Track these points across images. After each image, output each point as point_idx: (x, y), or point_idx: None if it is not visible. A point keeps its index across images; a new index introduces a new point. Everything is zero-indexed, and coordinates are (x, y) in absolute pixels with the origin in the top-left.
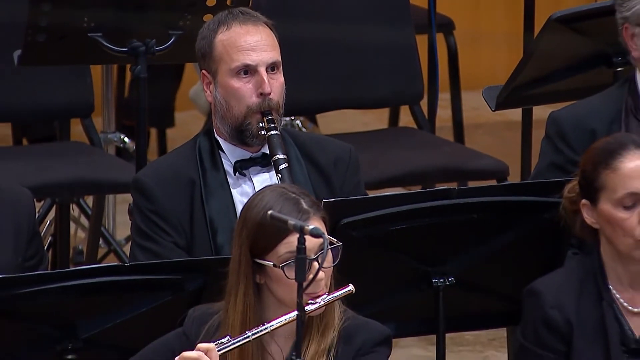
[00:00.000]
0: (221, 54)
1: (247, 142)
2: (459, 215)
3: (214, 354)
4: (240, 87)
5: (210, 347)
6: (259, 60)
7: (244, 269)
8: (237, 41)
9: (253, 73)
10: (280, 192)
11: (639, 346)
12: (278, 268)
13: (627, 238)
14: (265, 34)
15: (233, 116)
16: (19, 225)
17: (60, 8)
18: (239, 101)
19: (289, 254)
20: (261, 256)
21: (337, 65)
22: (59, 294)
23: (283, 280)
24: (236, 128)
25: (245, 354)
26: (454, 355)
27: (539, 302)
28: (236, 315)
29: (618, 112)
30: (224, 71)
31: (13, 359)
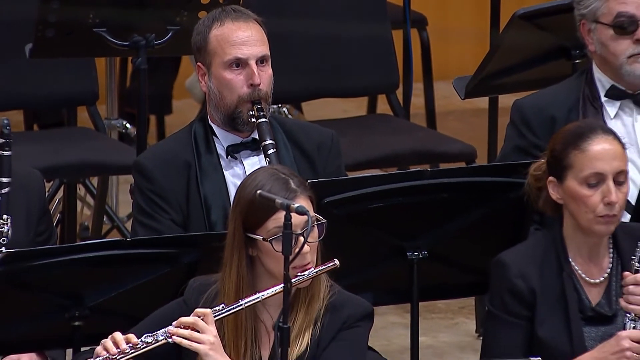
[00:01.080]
0: (215, 48)
1: (239, 129)
2: (431, 195)
3: (210, 319)
4: (232, 79)
5: (206, 312)
6: (250, 54)
7: (237, 243)
8: (229, 36)
9: (244, 66)
10: (272, 172)
11: (594, 313)
12: (267, 242)
13: (589, 213)
14: (255, 29)
15: (225, 105)
16: (31, 203)
17: (68, 5)
18: (231, 91)
19: (277, 228)
20: (253, 231)
21: (320, 58)
22: (67, 266)
23: (272, 253)
24: (228, 115)
25: (239, 320)
26: (427, 322)
27: (505, 272)
28: (231, 285)
29: (576, 100)
30: (217, 64)
31: (26, 325)
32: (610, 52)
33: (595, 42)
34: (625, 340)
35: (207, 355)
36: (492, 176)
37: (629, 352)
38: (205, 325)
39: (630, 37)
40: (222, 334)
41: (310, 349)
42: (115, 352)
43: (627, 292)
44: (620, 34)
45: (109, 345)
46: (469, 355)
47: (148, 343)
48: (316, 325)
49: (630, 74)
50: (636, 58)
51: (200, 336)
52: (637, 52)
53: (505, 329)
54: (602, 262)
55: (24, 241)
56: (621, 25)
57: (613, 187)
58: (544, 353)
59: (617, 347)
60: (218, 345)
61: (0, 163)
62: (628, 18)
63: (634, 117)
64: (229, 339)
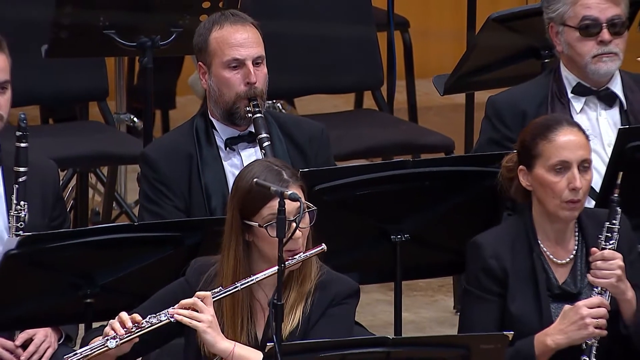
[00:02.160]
0: (215, 49)
1: (236, 123)
2: (413, 183)
3: (209, 301)
4: (231, 77)
5: (206, 294)
6: (247, 54)
7: (235, 229)
8: (228, 39)
9: (241, 66)
10: (266, 165)
11: (561, 291)
12: (262, 228)
13: (556, 199)
14: (252, 32)
15: (224, 101)
16: (46, 191)
17: (80, 9)
18: (230, 89)
19: (271, 216)
20: (249, 218)
21: (311, 57)
22: (79, 248)
23: (267, 238)
24: (227, 111)
25: (236, 300)
26: (409, 299)
27: (480, 253)
28: (229, 267)
29: (545, 96)
30: (217, 63)
31: (43, 302)
32: (577, 53)
33: (562, 43)
34: (582, 309)
35: (205, 332)
36: (468, 166)
37: (588, 319)
38: (203, 306)
39: (595, 38)
40: (221, 314)
41: (301, 324)
42: (122, 332)
43: (595, 267)
44: (585, 35)
45: (116, 325)
46: (447, 329)
47: (152, 323)
48: (307, 302)
49: (594, 72)
50: (600, 58)
51: (199, 315)
52: (601, 52)
53: (480, 305)
54: (568, 245)
55: (40, 225)
56: (586, 27)
57: (577, 174)
58: (515, 327)
59: (576, 316)
60: (215, 324)
61: (18, 154)
62: (592, 21)
63: (598, 112)
64: (227, 317)
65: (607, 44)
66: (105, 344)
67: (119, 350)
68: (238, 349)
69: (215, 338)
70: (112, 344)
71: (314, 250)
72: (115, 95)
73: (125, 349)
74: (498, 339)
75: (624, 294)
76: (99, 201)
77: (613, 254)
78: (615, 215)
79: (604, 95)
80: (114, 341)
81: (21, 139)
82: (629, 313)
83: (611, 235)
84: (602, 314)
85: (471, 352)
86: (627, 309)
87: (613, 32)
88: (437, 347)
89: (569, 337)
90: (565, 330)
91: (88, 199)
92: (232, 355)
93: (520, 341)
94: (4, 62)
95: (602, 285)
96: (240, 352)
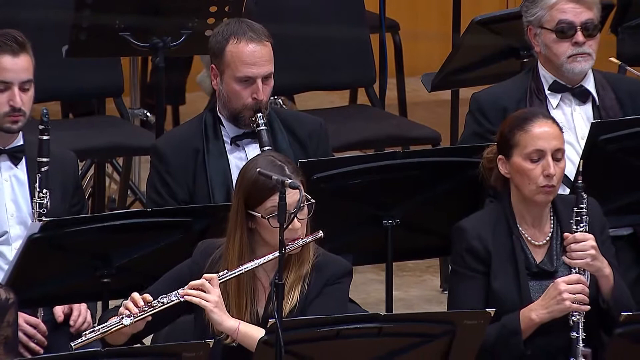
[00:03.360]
0: (229, 61)
1: (240, 126)
2: (403, 172)
3: (215, 282)
4: (240, 91)
5: (213, 276)
6: (258, 73)
7: (240, 218)
8: (242, 56)
9: (251, 82)
10: (270, 159)
11: (538, 270)
12: (264, 219)
13: (532, 185)
14: (265, 50)
15: (232, 107)
16: (66, 180)
17: (98, 13)
18: (237, 99)
19: (273, 208)
20: (253, 208)
21: (310, 57)
22: (97, 232)
23: (269, 227)
24: (233, 115)
25: (241, 282)
26: (399, 279)
27: (464, 235)
28: (234, 252)
29: (524, 93)
30: (229, 75)
31: (63, 282)
32: (553, 53)
33: (540, 45)
34: (561, 285)
35: (212, 311)
36: (453, 157)
37: (565, 294)
38: (210, 287)
39: (570, 40)
40: (227, 295)
41: (299, 302)
42: (136, 310)
43: (570, 249)
44: (561, 37)
45: (130, 305)
46: (434, 306)
47: (164, 302)
48: (304, 283)
49: (569, 71)
50: (575, 58)
51: (207, 296)
52: (575, 52)
53: (466, 282)
54: (545, 227)
55: (61, 211)
56: (562, 30)
57: (552, 162)
58: (497, 303)
59: (555, 292)
60: (221, 304)
61: (41, 146)
62: (567, 24)
63: (572, 107)
64: (232, 298)
65: (581, 45)
66: (120, 322)
67: (134, 327)
68: (243, 327)
69: (222, 317)
70: (127, 322)
71: (312, 236)
72: (129, 92)
73: (139, 326)
74: (481, 315)
75: (601, 271)
76: (114, 189)
77: (584, 236)
78: (582, 200)
79: (578, 92)
80: (129, 319)
81: (44, 132)
82: (607, 288)
83: (581, 219)
84: (579, 290)
85: (456, 327)
86: (605, 284)
87: (586, 35)
88: (425, 323)
89: (549, 311)
90: (546, 305)
91: (105, 187)
92: (237, 333)
93: (506, 316)
94: (28, 63)
95: (578, 265)
96: (245, 329)
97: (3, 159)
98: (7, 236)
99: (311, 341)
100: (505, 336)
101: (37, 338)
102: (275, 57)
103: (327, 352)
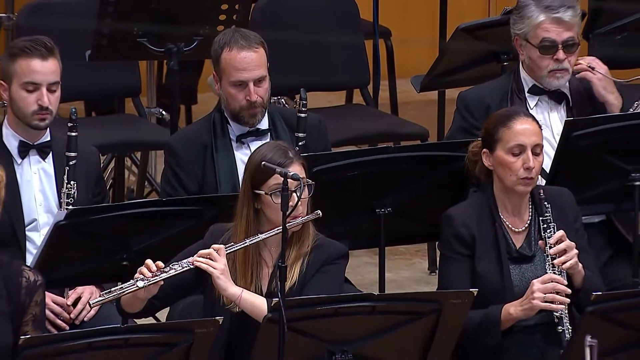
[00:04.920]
0: (224, 68)
1: (240, 124)
2: (395, 165)
3: (222, 252)
4: (235, 94)
5: (220, 247)
6: (249, 77)
7: (246, 198)
8: (234, 62)
9: (244, 85)
10: (275, 145)
11: (518, 254)
12: (268, 195)
13: (513, 176)
14: (256, 55)
15: (230, 108)
16: (89, 172)
17: (118, 21)
18: (234, 101)
19: (276, 185)
20: (258, 187)
21: (310, 60)
22: (117, 219)
23: (272, 205)
24: (233, 115)
25: (247, 255)
26: (391, 262)
27: (452, 222)
28: (241, 229)
29: (506, 92)
30: (225, 80)
31: (87, 264)
32: (536, 65)
33: (525, 55)
34: (534, 285)
35: (218, 277)
36: (440, 151)
37: (537, 294)
38: (217, 256)
39: (551, 57)
40: (235, 267)
41: (298, 280)
42: (149, 275)
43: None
44: (543, 53)
45: (144, 270)
46: (423, 287)
47: (176, 269)
48: (304, 262)
49: (549, 84)
50: (554, 73)
51: (214, 263)
52: (556, 68)
53: (453, 265)
54: (524, 216)
55: (84, 201)
56: (545, 47)
57: (531, 156)
58: (481, 284)
59: (529, 292)
60: (227, 272)
61: (69, 141)
62: (550, 43)
63: (549, 107)
64: (239, 269)
65: (561, 61)
66: (135, 284)
67: (148, 292)
68: (245, 294)
69: (227, 283)
70: (140, 284)
71: (311, 215)
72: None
73: (153, 290)
74: (465, 295)
75: (576, 267)
76: (133, 180)
77: (568, 244)
78: (545, 209)
79: (554, 94)
80: (143, 282)
81: (72, 129)
82: (579, 280)
83: (547, 225)
84: (550, 289)
85: (442, 305)
86: (578, 277)
87: (567, 52)
88: (414, 302)
89: (523, 309)
90: (522, 304)
91: (124, 179)
92: (240, 299)
93: (492, 307)
94: (55, 66)
95: (565, 268)
96: (247, 296)
97: (32, 153)
98: (36, 223)
99: (311, 318)
100: (486, 324)
101: (63, 316)
102: (278, 60)
103: (325, 328)
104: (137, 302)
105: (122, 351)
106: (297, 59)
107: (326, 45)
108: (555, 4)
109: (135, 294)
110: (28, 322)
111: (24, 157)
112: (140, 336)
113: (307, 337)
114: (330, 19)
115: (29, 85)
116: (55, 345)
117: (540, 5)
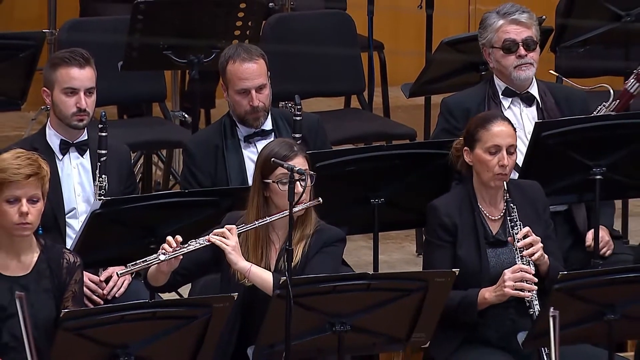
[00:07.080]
0: (229, 78)
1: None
2: (387, 161)
3: (234, 231)
4: (239, 100)
5: (232, 226)
6: (251, 85)
7: (257, 187)
8: (237, 73)
9: (247, 93)
10: (281, 140)
11: (495, 240)
12: (274, 183)
13: (489, 172)
14: (256, 66)
15: (236, 112)
16: (121, 167)
17: (146, 36)
18: (239, 107)
19: (282, 174)
20: (267, 177)
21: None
22: (146, 209)
23: (278, 192)
24: (239, 119)
25: (258, 235)
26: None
27: (436, 212)
28: (252, 214)
29: (483, 98)
30: (231, 89)
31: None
32: (502, 66)
33: (493, 61)
34: (505, 274)
35: (230, 253)
36: (427, 149)
37: (507, 282)
38: (229, 234)
39: (514, 54)
40: (247, 246)
41: (301, 260)
42: (170, 250)
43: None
44: (507, 52)
45: (165, 246)
46: (411, 267)
47: (194, 245)
48: (306, 243)
49: (517, 78)
50: (520, 67)
51: (226, 240)
52: (520, 63)
53: (437, 250)
54: (499, 205)
55: (117, 192)
56: (507, 47)
57: (506, 155)
58: (461, 267)
59: (501, 279)
60: (238, 249)
61: (100, 140)
62: (511, 42)
63: (521, 109)
64: (251, 247)
65: (523, 57)
66: (157, 257)
67: (170, 265)
68: (254, 268)
69: (237, 258)
70: (162, 257)
71: (313, 201)
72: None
73: (174, 264)
74: (448, 274)
75: (542, 259)
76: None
77: (533, 239)
78: (512, 213)
79: (525, 97)
80: (164, 256)
81: (102, 129)
82: (545, 269)
83: (515, 223)
84: (519, 278)
85: (428, 283)
86: (544, 267)
87: (527, 49)
88: (404, 280)
89: (497, 295)
90: (495, 290)
91: (152, 173)
92: (249, 272)
93: (470, 290)
94: (91, 74)
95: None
96: (256, 270)
97: (72, 150)
98: (75, 212)
99: (313, 294)
100: (464, 304)
101: (99, 293)
102: (283, 69)
103: (326, 303)
104: (161, 276)
105: (149, 322)
106: (302, 69)
107: (327, 56)
108: (512, 9)
109: (158, 268)
110: (68, 298)
111: (65, 154)
112: (165, 310)
113: (311, 310)
114: (331, 34)
115: (69, 90)
116: (91, 318)
117: (499, 13)
